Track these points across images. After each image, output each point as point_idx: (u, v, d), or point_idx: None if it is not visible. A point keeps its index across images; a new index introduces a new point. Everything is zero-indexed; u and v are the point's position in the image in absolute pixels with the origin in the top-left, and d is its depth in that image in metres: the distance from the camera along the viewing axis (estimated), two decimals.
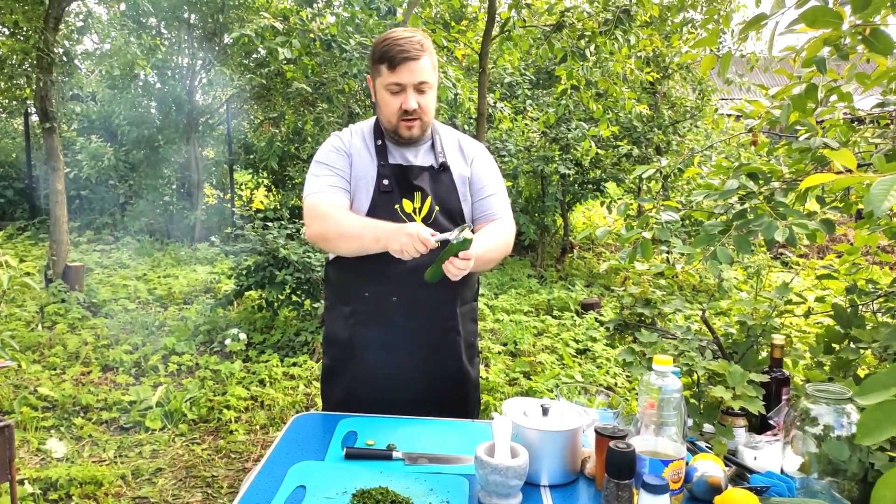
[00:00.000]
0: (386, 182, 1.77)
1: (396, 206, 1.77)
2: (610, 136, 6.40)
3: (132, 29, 8.68)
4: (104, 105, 9.51)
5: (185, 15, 8.79)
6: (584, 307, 5.81)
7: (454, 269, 1.57)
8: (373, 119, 1.90)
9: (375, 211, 1.76)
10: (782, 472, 1.37)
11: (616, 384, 4.15)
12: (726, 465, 1.39)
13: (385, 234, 1.62)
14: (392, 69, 1.70)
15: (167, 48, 9.19)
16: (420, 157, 1.83)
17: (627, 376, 4.27)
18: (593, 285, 6.80)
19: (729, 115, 7.43)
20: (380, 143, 1.82)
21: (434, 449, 1.53)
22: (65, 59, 6.50)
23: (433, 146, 1.85)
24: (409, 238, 1.56)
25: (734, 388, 1.47)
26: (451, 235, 1.56)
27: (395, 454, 1.47)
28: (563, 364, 4.48)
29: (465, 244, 1.54)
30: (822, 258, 7.07)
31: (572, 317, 5.54)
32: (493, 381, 4.05)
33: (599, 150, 6.39)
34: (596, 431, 1.36)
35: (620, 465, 1.19)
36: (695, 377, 1.57)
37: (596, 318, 5.43)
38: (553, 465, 1.38)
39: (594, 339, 4.90)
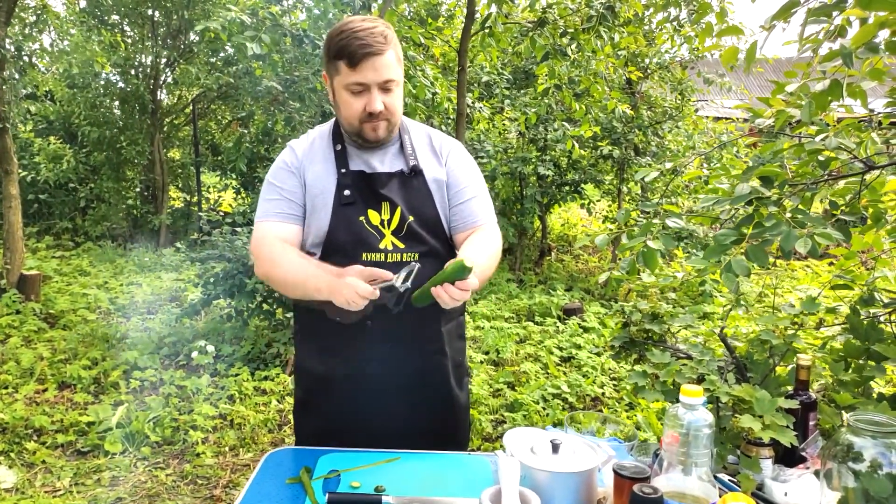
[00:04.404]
0: (347, 192, 1.57)
1: (361, 219, 1.57)
2: (589, 137, 6.29)
3: (92, 26, 8.30)
4: (63, 105, 9.11)
5: (149, 11, 8.45)
6: (566, 312, 5.67)
7: (447, 297, 1.39)
8: (331, 122, 1.68)
9: (338, 226, 1.57)
10: None
11: (603, 394, 4.01)
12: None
13: (327, 287, 1.44)
14: (353, 67, 1.49)
15: (130, 45, 8.83)
16: (388, 162, 1.62)
17: (615, 386, 4.13)
18: (573, 289, 6.67)
19: (707, 117, 7.39)
20: (339, 147, 1.62)
21: (428, 491, 1.36)
22: (17, 53, 6.14)
23: (402, 147, 1.64)
24: (350, 291, 1.38)
25: (762, 417, 1.33)
26: (398, 282, 1.42)
27: (384, 499, 1.29)
28: (549, 374, 4.33)
29: (465, 272, 1.38)
30: (802, 260, 7.04)
31: (555, 323, 5.40)
32: (477, 393, 3.88)
33: (581, 152, 6.27)
34: (616, 472, 1.21)
35: None
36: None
37: (579, 325, 5.30)
38: None
39: (578, 347, 4.75)
